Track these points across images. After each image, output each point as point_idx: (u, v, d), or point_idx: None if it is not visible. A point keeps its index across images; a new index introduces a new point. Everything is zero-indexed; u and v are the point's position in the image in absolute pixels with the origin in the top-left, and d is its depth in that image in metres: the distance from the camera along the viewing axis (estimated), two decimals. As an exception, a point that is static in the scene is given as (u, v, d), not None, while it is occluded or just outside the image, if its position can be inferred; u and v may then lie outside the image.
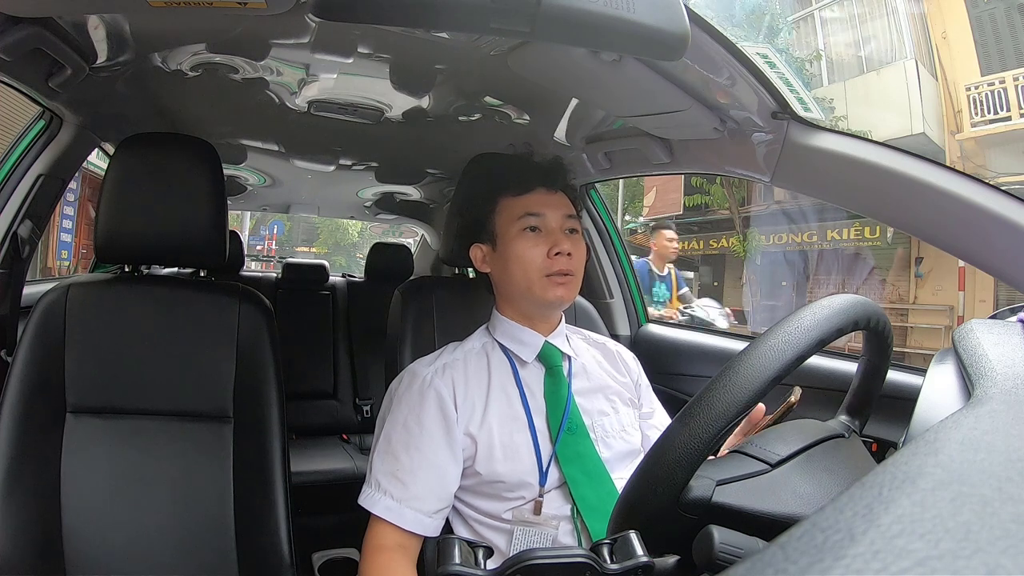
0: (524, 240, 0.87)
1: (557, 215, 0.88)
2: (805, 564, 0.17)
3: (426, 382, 0.85)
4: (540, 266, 0.86)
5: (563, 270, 0.85)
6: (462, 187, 1.08)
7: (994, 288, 6.04)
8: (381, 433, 0.85)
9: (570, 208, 0.90)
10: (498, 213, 0.91)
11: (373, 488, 0.81)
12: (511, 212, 0.89)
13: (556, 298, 0.86)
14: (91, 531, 0.87)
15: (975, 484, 0.21)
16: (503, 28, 0.64)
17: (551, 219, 0.88)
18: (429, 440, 0.81)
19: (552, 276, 0.86)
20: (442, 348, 0.93)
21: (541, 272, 0.86)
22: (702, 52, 0.79)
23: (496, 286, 0.94)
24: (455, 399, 0.85)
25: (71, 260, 6.20)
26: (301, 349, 2.18)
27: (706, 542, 0.43)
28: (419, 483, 0.79)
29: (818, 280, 8.28)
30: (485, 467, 0.83)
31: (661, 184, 10.09)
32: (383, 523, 0.79)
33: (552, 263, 0.85)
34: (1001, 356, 0.42)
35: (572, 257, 0.86)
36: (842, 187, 0.88)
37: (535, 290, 0.87)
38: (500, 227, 0.90)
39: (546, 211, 0.88)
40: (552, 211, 0.88)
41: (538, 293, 0.87)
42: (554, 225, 0.88)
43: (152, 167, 0.97)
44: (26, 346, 0.90)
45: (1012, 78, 6.43)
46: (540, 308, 0.90)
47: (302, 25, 0.87)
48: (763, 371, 0.46)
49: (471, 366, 0.89)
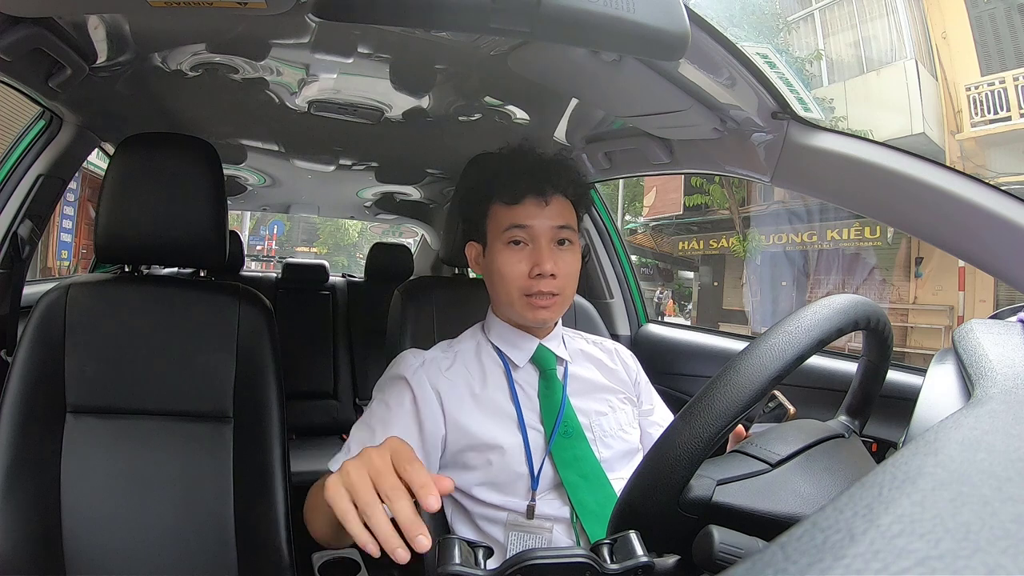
0: (508, 254, 0.85)
1: (546, 226, 0.84)
2: (805, 564, 0.17)
3: (411, 370, 0.85)
4: (521, 285, 0.84)
5: (544, 291, 0.83)
6: (461, 186, 1.08)
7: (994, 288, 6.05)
8: (368, 407, 0.86)
9: (563, 217, 0.85)
10: (490, 218, 0.88)
11: (343, 453, 0.80)
12: (499, 221, 0.86)
13: (536, 320, 0.85)
14: (91, 531, 0.87)
15: (975, 484, 0.21)
16: (503, 28, 0.64)
17: (539, 231, 0.84)
18: (401, 424, 0.82)
19: (532, 297, 0.83)
20: (436, 345, 0.93)
21: (521, 291, 0.84)
22: (702, 52, 0.79)
23: (488, 288, 0.93)
24: (438, 394, 0.84)
25: (71, 260, 6.20)
26: (301, 349, 2.18)
27: (706, 542, 0.43)
28: None
29: (818, 280, 8.28)
30: (475, 460, 0.83)
31: (661, 184, 10.09)
32: None
33: (532, 284, 0.83)
34: (1001, 356, 0.42)
35: (556, 278, 0.83)
36: (842, 187, 0.88)
37: (516, 307, 0.85)
38: (490, 232, 0.88)
39: (534, 223, 0.84)
40: (541, 222, 0.84)
41: (519, 311, 0.85)
42: (542, 239, 0.84)
43: (152, 167, 0.97)
44: (26, 346, 0.90)
45: (1012, 78, 6.43)
46: (525, 323, 0.88)
47: (302, 25, 0.87)
48: (764, 371, 0.46)
49: (460, 364, 0.88)
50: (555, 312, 0.86)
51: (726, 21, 7.63)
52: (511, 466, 0.81)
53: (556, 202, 0.86)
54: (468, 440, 0.83)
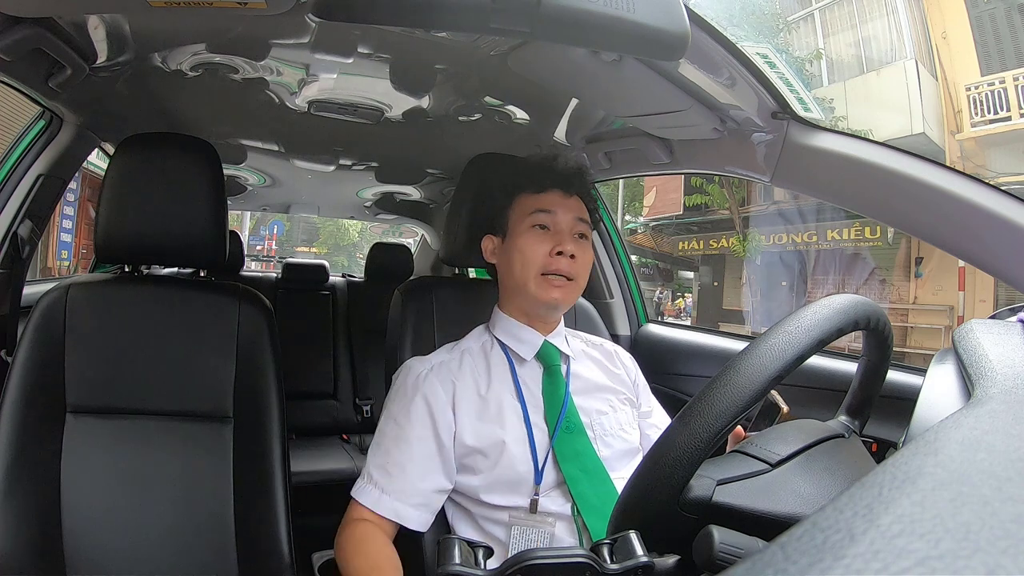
0: (531, 235, 0.89)
1: (568, 217, 0.89)
2: (805, 564, 0.17)
3: (420, 378, 0.86)
4: (540, 263, 0.87)
5: (561, 271, 0.86)
6: (471, 184, 1.08)
7: (994, 288, 6.04)
8: (377, 429, 0.88)
9: (583, 213, 0.92)
10: (513, 208, 0.92)
11: (365, 480, 0.83)
12: (524, 208, 0.91)
13: (551, 299, 0.87)
14: (91, 531, 0.87)
15: (975, 484, 0.21)
16: (503, 28, 0.64)
17: (562, 219, 0.89)
18: (416, 435, 0.83)
19: (549, 276, 0.86)
20: (439, 348, 0.94)
21: (539, 269, 0.87)
22: (702, 52, 0.79)
23: (500, 280, 0.95)
24: (450, 397, 0.85)
25: (71, 260, 6.19)
26: (301, 349, 2.18)
27: (706, 542, 0.43)
28: (405, 475, 0.82)
29: (818, 280, 8.28)
30: (482, 464, 0.83)
31: (661, 184, 10.08)
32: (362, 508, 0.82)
33: (552, 262, 0.86)
34: (1001, 356, 0.42)
35: (575, 260, 0.87)
36: (842, 187, 0.88)
37: (531, 287, 0.87)
38: (512, 221, 0.92)
39: (558, 210, 0.89)
40: (564, 212, 0.90)
41: (533, 291, 0.87)
42: (564, 226, 0.89)
43: (152, 167, 0.97)
44: (26, 346, 0.90)
45: (1012, 78, 6.43)
46: (537, 307, 0.90)
47: (302, 25, 0.87)
48: (763, 371, 0.46)
49: (467, 365, 0.89)
50: (567, 296, 0.88)
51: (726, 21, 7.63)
52: (516, 467, 0.82)
53: (577, 200, 0.92)
54: (475, 443, 0.84)
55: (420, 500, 0.82)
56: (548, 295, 0.87)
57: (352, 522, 0.82)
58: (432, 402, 0.84)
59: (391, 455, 0.83)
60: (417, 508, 0.81)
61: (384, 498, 0.81)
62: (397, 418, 0.85)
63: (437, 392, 0.85)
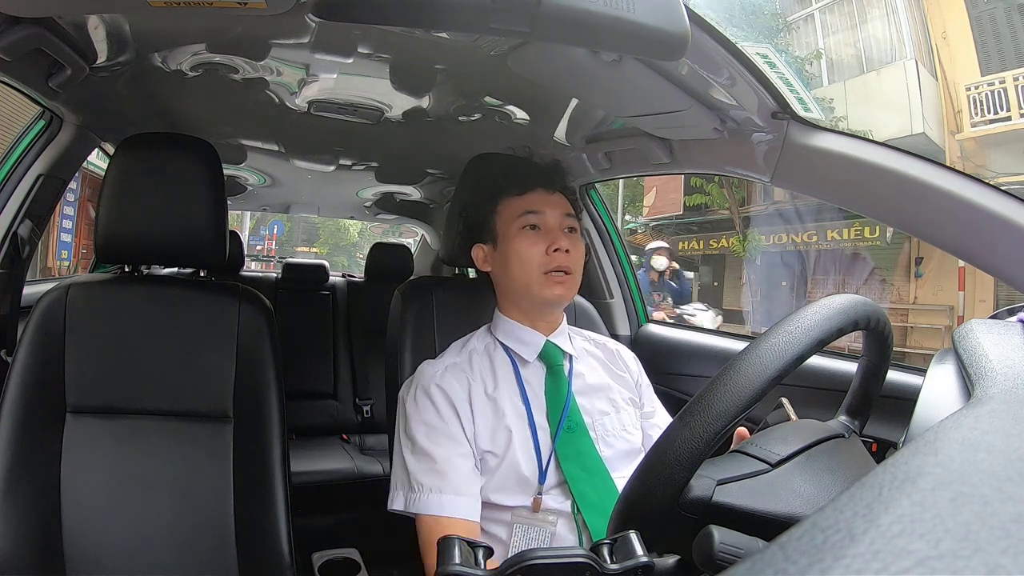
0: (524, 238, 0.89)
1: (556, 214, 0.90)
2: (805, 564, 0.17)
3: (435, 380, 0.86)
4: (539, 263, 0.87)
5: (561, 267, 0.87)
6: (462, 187, 1.08)
7: (994, 288, 6.03)
8: (403, 441, 0.85)
9: (568, 208, 0.92)
10: (499, 213, 0.92)
11: (416, 491, 0.79)
12: (511, 211, 0.91)
13: (554, 296, 0.88)
14: (91, 531, 0.87)
15: (975, 484, 0.21)
16: (503, 28, 0.64)
17: (550, 217, 0.90)
18: (453, 429, 0.83)
19: (551, 273, 0.87)
20: (446, 349, 0.94)
21: (540, 269, 0.87)
22: (702, 52, 0.79)
23: (497, 285, 0.95)
24: (467, 395, 0.86)
25: (71, 260, 6.19)
26: (301, 349, 2.17)
27: (706, 542, 0.43)
28: (459, 470, 0.80)
29: (818, 280, 8.27)
30: (488, 465, 0.83)
31: (661, 184, 10.08)
32: (434, 519, 0.77)
33: (550, 260, 0.87)
34: (1001, 356, 0.42)
35: (571, 254, 0.88)
36: (842, 187, 0.88)
37: (534, 287, 0.88)
38: (501, 227, 0.92)
39: (545, 209, 0.90)
40: (551, 210, 0.90)
41: (536, 291, 0.88)
42: (553, 223, 0.89)
43: (152, 167, 0.97)
44: (26, 346, 0.90)
45: (1012, 78, 6.42)
46: (539, 306, 0.91)
47: (302, 25, 0.87)
48: (763, 371, 0.46)
49: (475, 366, 0.89)
50: (568, 290, 0.89)
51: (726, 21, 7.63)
52: (521, 467, 0.82)
53: (560, 196, 0.92)
54: (486, 444, 0.84)
55: (476, 488, 0.81)
56: (552, 292, 0.88)
57: (430, 545, 0.76)
58: (454, 398, 0.85)
59: (435, 455, 0.80)
60: (477, 499, 0.80)
61: (456, 500, 0.78)
62: (426, 420, 0.83)
63: (455, 389, 0.85)
